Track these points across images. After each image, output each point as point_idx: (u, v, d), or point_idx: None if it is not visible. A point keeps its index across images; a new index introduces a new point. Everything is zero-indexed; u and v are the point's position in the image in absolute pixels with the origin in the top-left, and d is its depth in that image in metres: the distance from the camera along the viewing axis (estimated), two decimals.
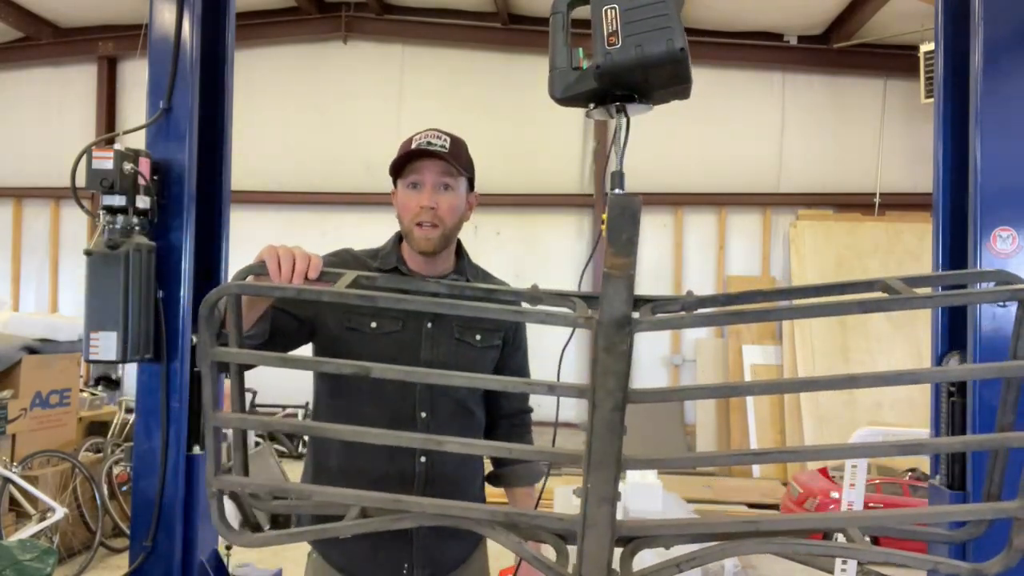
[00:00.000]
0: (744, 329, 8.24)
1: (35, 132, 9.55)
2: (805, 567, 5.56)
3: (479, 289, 1.36)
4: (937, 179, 2.18)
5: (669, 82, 1.29)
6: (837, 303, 1.11)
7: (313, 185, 8.57)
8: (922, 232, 7.74)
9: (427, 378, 1.62)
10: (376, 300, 1.13)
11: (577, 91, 1.31)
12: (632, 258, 0.93)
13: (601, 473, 1.02)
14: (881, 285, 1.16)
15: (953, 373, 1.10)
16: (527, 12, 8.66)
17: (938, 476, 2.14)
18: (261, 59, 8.94)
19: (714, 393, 1.07)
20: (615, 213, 0.92)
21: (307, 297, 1.22)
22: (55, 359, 5.29)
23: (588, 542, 1.06)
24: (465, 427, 1.82)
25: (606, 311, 0.96)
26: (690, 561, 1.09)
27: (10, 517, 4.70)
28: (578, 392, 1.02)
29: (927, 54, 7.13)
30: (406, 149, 1.77)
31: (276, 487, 1.13)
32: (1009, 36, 2.00)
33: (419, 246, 1.77)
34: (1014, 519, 1.11)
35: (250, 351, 1.33)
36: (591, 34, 1.29)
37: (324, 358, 1.50)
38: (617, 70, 1.22)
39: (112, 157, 2.01)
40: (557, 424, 1.62)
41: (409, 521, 1.13)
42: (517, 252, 8.69)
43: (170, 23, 2.17)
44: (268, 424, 1.26)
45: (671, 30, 1.20)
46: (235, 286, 1.23)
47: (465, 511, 1.12)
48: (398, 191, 1.82)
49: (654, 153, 8.48)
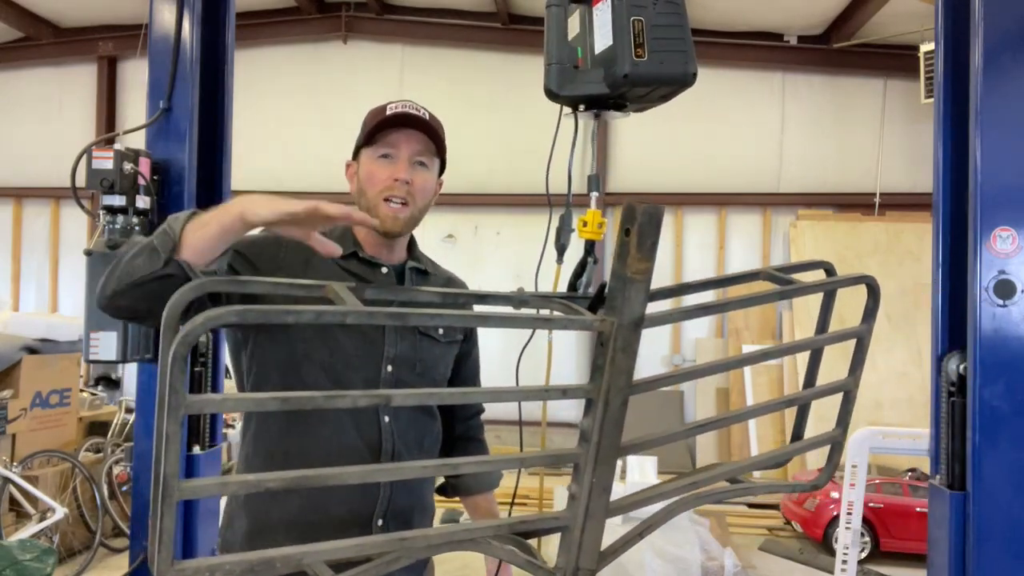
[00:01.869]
0: (744, 329, 8.25)
1: (35, 132, 9.55)
2: (805, 567, 5.57)
3: (471, 295, 1.26)
4: (937, 179, 2.18)
5: (660, 99, 1.32)
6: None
7: (313, 185, 8.55)
8: (922, 232, 7.73)
9: (449, 399, 1.52)
10: (408, 319, 0.95)
11: (579, 91, 1.31)
12: (653, 263, 0.96)
13: (605, 466, 1.05)
14: (765, 275, 1.24)
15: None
16: (527, 12, 8.66)
17: (938, 476, 2.15)
18: (261, 59, 8.95)
19: (692, 375, 1.15)
20: (645, 220, 0.93)
21: (328, 321, 0.93)
22: (55, 359, 5.29)
23: (587, 532, 1.08)
24: (427, 429, 1.67)
25: (626, 313, 0.97)
26: (649, 527, 1.15)
27: (10, 517, 4.70)
28: (585, 393, 1.02)
29: (927, 54, 7.13)
30: (380, 116, 1.58)
31: (239, 561, 0.82)
32: (1009, 36, 2.00)
33: (385, 225, 1.56)
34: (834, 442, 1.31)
35: (236, 396, 0.97)
36: (585, 37, 1.30)
37: (330, 391, 0.95)
38: (640, 82, 1.24)
39: (112, 157, 2.01)
40: (545, 424, 1.61)
41: (405, 560, 0.98)
42: (517, 252, 8.69)
43: (170, 23, 2.17)
44: (249, 484, 0.92)
45: (687, 53, 1.25)
46: (233, 311, 0.84)
47: (470, 532, 1.02)
48: (362, 161, 1.61)
49: (653, 153, 8.49)
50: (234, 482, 0.91)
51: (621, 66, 1.23)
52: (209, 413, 2.31)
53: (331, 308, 0.99)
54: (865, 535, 5.54)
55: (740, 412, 1.26)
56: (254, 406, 0.89)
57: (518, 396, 1.08)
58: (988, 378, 2.00)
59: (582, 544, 1.08)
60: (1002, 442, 1.99)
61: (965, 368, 2.05)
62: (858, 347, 1.26)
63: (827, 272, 1.27)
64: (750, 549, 5.79)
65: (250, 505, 1.54)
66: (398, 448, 1.55)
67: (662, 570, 4.43)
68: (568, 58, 1.33)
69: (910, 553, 5.48)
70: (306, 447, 1.50)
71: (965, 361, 2.06)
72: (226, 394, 1.13)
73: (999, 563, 1.98)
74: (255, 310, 0.92)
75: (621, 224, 0.95)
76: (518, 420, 1.80)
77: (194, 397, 0.83)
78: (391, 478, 1.01)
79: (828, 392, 1.28)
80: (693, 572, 4.55)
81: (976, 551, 1.98)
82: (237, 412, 5.30)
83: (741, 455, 7.89)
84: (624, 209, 0.95)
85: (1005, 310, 2.00)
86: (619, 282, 0.97)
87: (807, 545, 5.94)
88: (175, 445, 0.82)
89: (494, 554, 1.07)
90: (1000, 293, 2.00)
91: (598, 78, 1.29)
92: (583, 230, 1.35)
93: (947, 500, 2.06)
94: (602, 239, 1.37)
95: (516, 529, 1.07)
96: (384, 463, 1.52)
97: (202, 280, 1.00)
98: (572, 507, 1.08)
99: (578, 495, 1.07)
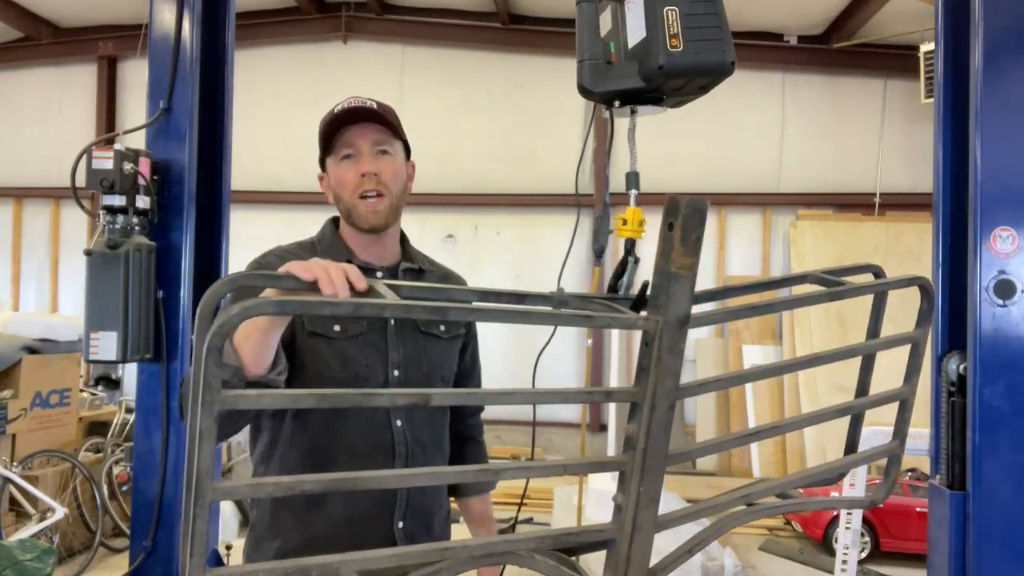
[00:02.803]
0: (744, 329, 8.24)
1: (35, 132, 9.54)
2: (805, 567, 5.57)
3: (511, 294, 1.18)
4: (937, 179, 2.18)
5: (698, 90, 1.28)
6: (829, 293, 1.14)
7: (313, 185, 8.44)
8: (922, 232, 7.73)
9: (489, 399, 1.44)
10: (447, 312, 0.95)
11: (615, 86, 1.28)
12: (698, 258, 0.93)
13: (653, 474, 1.00)
14: (812, 278, 1.21)
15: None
16: (527, 12, 8.66)
17: (938, 476, 2.15)
18: (261, 59, 8.94)
19: (742, 379, 1.11)
20: (689, 214, 0.91)
21: (366, 313, 0.93)
22: (55, 359, 5.29)
23: (635, 546, 1.02)
24: (439, 431, 1.68)
25: (672, 311, 0.94)
26: (699, 543, 1.10)
27: (10, 517, 4.69)
28: (630, 396, 0.99)
29: (927, 54, 7.13)
30: (329, 118, 1.59)
31: (273, 568, 0.80)
32: (1009, 36, 2.00)
33: (367, 221, 1.57)
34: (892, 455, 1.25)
35: (273, 392, 0.98)
36: (618, 32, 1.27)
37: (367, 390, 0.96)
38: (675, 72, 1.21)
39: (112, 157, 2.01)
40: (585, 428, 1.60)
41: (446, 572, 0.95)
42: (517, 252, 8.69)
43: (170, 23, 2.17)
44: (284, 487, 0.88)
45: (724, 42, 1.21)
46: (272, 302, 0.87)
47: (511, 545, 0.97)
48: (330, 170, 1.63)
49: (653, 153, 8.46)
50: (269, 483, 0.87)
51: (656, 57, 1.19)
52: (244, 408, 2.31)
53: (370, 300, 0.99)
54: (865, 535, 5.54)
55: (794, 420, 1.18)
56: (291, 403, 0.90)
57: (561, 398, 1.02)
58: (988, 378, 2.00)
59: (630, 559, 1.02)
60: (1002, 442, 1.99)
61: (965, 368, 2.06)
62: (913, 353, 1.20)
63: (875, 275, 1.22)
64: (750, 549, 5.79)
65: (277, 526, 1.56)
66: (412, 450, 1.57)
67: None
68: (601, 54, 1.29)
69: (910, 553, 5.48)
70: (330, 459, 1.52)
71: (965, 361, 2.06)
72: (261, 390, 1.10)
73: (999, 563, 1.98)
74: (294, 301, 0.94)
75: (664, 219, 0.93)
76: (517, 421, 1.80)
77: (229, 392, 0.80)
78: (424, 483, 0.99)
79: (883, 401, 1.22)
80: (693, 572, 4.55)
81: (976, 551, 1.99)
82: (279, 407, 5.31)
83: (741, 457, 7.89)
84: (667, 203, 0.93)
85: (1005, 310, 2.00)
86: (663, 278, 0.94)
87: (807, 545, 5.94)
88: (210, 443, 0.78)
89: (537, 569, 1.02)
90: (1000, 293, 2.00)
91: (632, 72, 1.25)
92: (623, 228, 1.30)
93: (947, 500, 2.06)
94: (641, 239, 1.31)
95: (561, 543, 1.01)
96: (399, 468, 1.53)
97: (234, 275, 0.98)
98: (618, 519, 1.01)
99: (625, 506, 1.00)
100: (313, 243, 1.67)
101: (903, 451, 1.26)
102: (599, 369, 8.27)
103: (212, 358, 0.77)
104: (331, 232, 1.69)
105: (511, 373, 7.10)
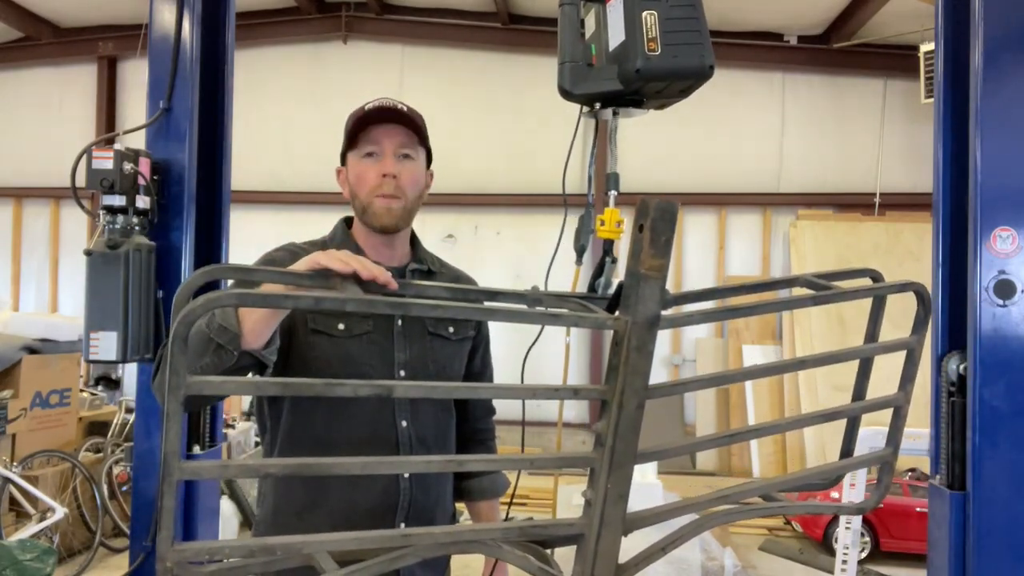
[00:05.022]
0: (744, 329, 8.24)
1: (35, 132, 9.54)
2: (805, 567, 5.57)
3: (482, 292, 1.23)
4: (937, 179, 2.18)
5: (680, 93, 1.29)
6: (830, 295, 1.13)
7: (313, 185, 8.54)
8: (922, 232, 7.73)
9: (456, 393, 1.53)
10: (409, 308, 0.95)
11: (594, 89, 1.29)
12: (668, 260, 0.94)
13: (621, 471, 1.02)
14: (802, 281, 1.21)
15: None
16: (527, 12, 8.66)
17: (938, 476, 2.15)
18: (261, 59, 8.94)
19: (718, 381, 1.10)
20: (657, 216, 0.92)
21: (328, 307, 0.98)
22: (55, 359, 5.29)
23: (603, 541, 1.04)
24: (444, 431, 1.67)
25: (640, 311, 0.95)
26: (674, 542, 1.11)
27: (10, 517, 4.70)
28: (599, 394, 1.00)
29: (927, 54, 7.13)
30: (359, 115, 1.58)
31: (240, 546, 0.89)
32: (1009, 36, 2.00)
33: (380, 220, 1.57)
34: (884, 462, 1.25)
35: (236, 380, 1.02)
36: (600, 34, 1.27)
37: (329, 380, 0.98)
38: (653, 76, 1.21)
39: (112, 157, 2.01)
40: (561, 425, 1.61)
41: (412, 557, 0.99)
42: (517, 252, 8.69)
43: (170, 23, 2.17)
44: (250, 469, 0.97)
45: (702, 46, 1.21)
46: (233, 295, 0.92)
47: (477, 534, 1.01)
48: (349, 165, 1.62)
49: (653, 153, 8.47)
50: (234, 465, 0.91)
51: (633, 61, 1.20)
52: (209, 394, 2.31)
53: (330, 294, 1.04)
54: (865, 535, 5.54)
55: (786, 421, 1.18)
56: (254, 390, 0.92)
57: (529, 394, 1.04)
58: (988, 378, 2.00)
59: (597, 553, 1.05)
60: (1002, 442, 1.99)
61: (965, 368, 2.06)
62: (908, 360, 1.20)
63: (873, 279, 1.22)
64: (750, 549, 5.80)
65: (279, 525, 1.56)
66: (416, 450, 1.56)
67: (662, 570, 4.42)
68: (582, 56, 1.30)
69: (910, 553, 5.48)
70: (332, 456, 1.52)
71: (965, 361, 2.06)
72: (226, 377, 1.14)
73: (999, 563, 1.98)
74: (254, 294, 1.01)
75: (635, 221, 0.94)
76: (520, 420, 1.80)
77: (194, 378, 0.85)
78: (393, 471, 1.00)
79: (878, 407, 1.22)
80: (693, 572, 4.55)
81: (976, 551, 1.98)
82: (242, 396, 5.34)
83: (741, 456, 7.89)
84: (638, 205, 0.94)
85: (1005, 310, 2.00)
86: (633, 279, 0.96)
87: (807, 545, 5.94)
88: (175, 424, 0.84)
89: (504, 558, 1.05)
90: (1000, 293, 2.00)
91: (612, 75, 1.26)
92: (601, 229, 1.33)
93: (947, 500, 2.06)
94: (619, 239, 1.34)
95: (528, 535, 1.04)
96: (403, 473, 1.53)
97: (210, 268, 1.02)
98: (588, 514, 1.04)
99: (593, 501, 1.03)
100: (324, 242, 1.67)
101: (896, 459, 1.26)
102: (598, 369, 8.27)
103: (177, 345, 0.82)
104: (342, 230, 1.69)
105: (510, 373, 7.09)
